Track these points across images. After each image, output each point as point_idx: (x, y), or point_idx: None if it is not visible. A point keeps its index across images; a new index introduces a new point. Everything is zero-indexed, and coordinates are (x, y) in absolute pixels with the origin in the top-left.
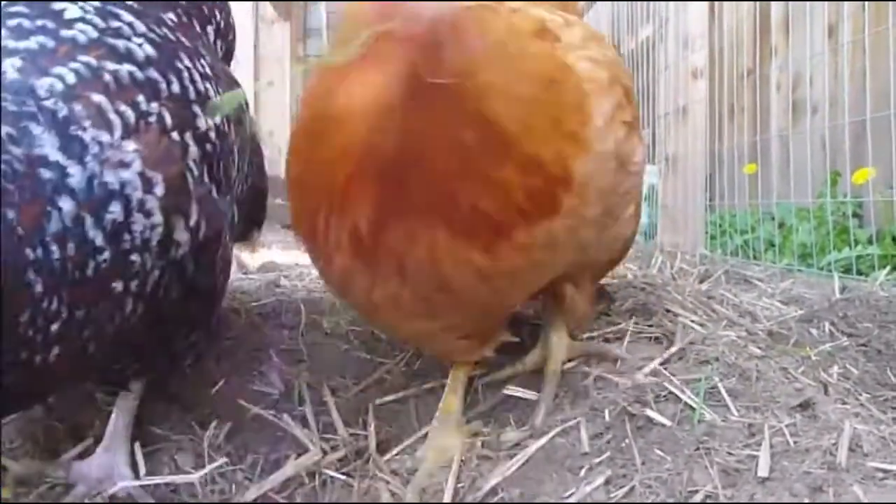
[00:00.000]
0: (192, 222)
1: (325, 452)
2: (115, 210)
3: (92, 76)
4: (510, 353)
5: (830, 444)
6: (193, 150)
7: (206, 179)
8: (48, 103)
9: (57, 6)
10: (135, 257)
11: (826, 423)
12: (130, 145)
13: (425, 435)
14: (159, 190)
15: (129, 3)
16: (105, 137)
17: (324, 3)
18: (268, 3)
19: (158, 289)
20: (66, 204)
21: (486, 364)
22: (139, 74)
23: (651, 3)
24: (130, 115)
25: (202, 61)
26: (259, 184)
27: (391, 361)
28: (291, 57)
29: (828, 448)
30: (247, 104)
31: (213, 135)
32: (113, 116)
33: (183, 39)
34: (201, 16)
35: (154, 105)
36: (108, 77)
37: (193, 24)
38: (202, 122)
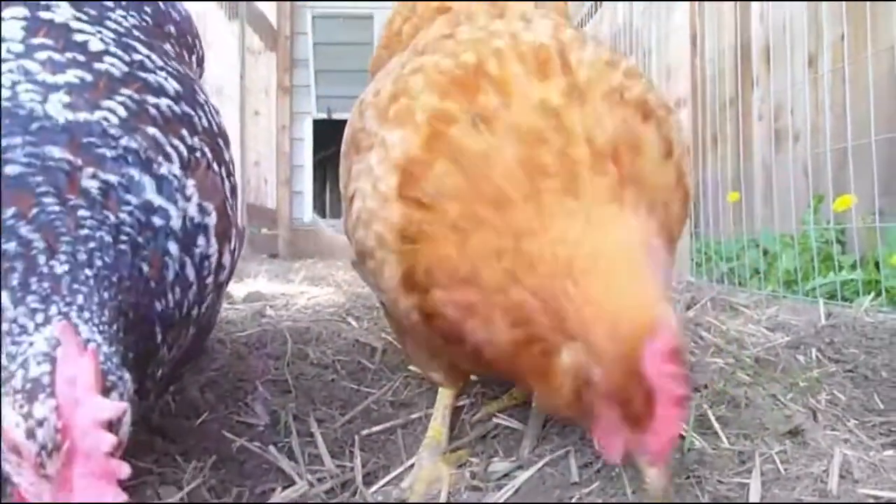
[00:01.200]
0: (232, 246)
1: (311, 484)
2: (202, 244)
3: (139, 109)
4: (499, 386)
5: (821, 471)
6: (226, 182)
7: (236, 207)
8: (125, 142)
9: (79, 38)
10: (204, 283)
11: (816, 449)
12: (190, 179)
13: (413, 465)
14: (213, 219)
15: (137, 34)
16: (175, 170)
17: (310, 33)
18: (255, 34)
19: (207, 312)
20: (174, 248)
21: (474, 395)
22: (176, 108)
23: (634, 33)
24: (182, 148)
25: (206, 94)
26: None
27: (378, 391)
28: (277, 87)
29: (818, 475)
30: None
31: (232, 167)
32: (170, 150)
33: (187, 72)
34: (187, 45)
35: (196, 139)
36: (153, 111)
37: (184, 54)
38: (226, 156)
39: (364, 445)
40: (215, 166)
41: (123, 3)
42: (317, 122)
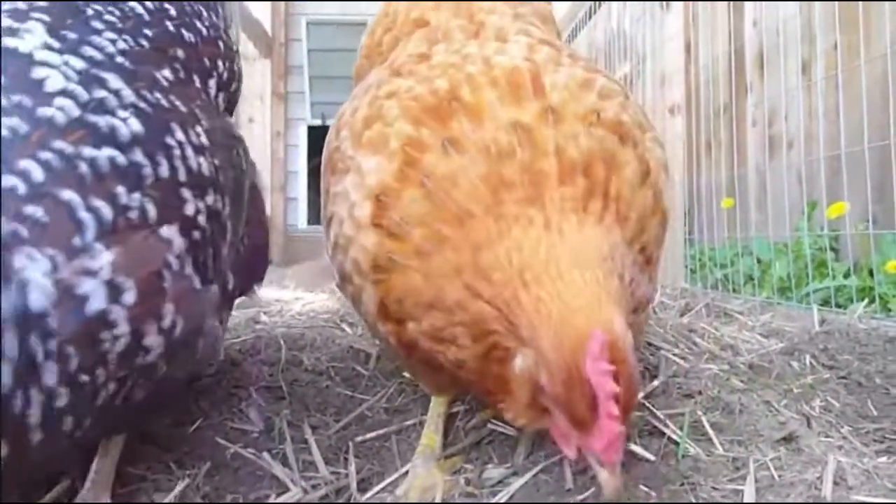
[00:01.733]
0: (165, 324)
1: (305, 491)
2: (99, 328)
3: (65, 167)
4: None
5: (815, 477)
6: (178, 242)
7: (190, 271)
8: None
9: (39, 73)
10: (84, 377)
11: (810, 456)
12: (101, 250)
13: (407, 472)
14: (129, 297)
15: (121, 61)
16: (75, 242)
17: (304, 40)
18: (249, 41)
19: (114, 397)
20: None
21: (469, 402)
22: (121, 159)
23: (628, 40)
24: (107, 212)
25: (197, 128)
26: (258, 240)
27: (372, 398)
28: (272, 94)
29: (812, 482)
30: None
31: (202, 219)
32: (84, 215)
33: (178, 104)
34: (202, 69)
35: (136, 196)
36: (83, 168)
37: (193, 79)
38: (190, 208)
39: (358, 452)
40: (160, 227)
41: (120, 25)
42: (311, 129)
